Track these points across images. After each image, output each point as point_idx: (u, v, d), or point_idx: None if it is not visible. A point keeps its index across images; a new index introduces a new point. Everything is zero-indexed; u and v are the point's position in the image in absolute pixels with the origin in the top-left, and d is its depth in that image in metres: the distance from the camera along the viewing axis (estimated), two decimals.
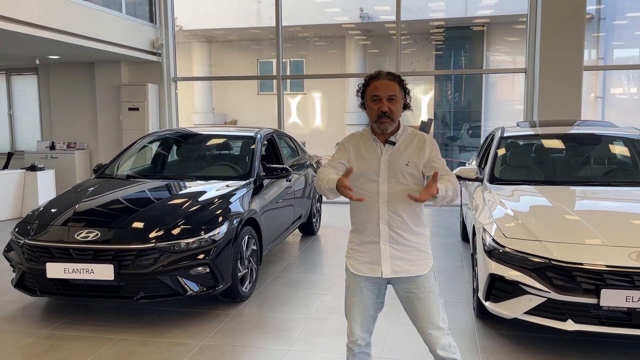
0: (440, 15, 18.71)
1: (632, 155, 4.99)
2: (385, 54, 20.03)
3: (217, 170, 5.47)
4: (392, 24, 19.20)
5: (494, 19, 18.10)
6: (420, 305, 2.51)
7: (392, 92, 2.46)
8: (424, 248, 2.54)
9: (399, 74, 2.53)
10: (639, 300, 3.17)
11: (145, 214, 4.34)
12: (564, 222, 3.77)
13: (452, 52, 19.48)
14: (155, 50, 9.80)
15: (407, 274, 2.51)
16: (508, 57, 18.73)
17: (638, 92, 17.87)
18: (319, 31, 19.64)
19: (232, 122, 21.30)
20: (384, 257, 2.50)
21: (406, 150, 2.50)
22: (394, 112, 2.46)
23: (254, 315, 4.37)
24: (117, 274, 3.94)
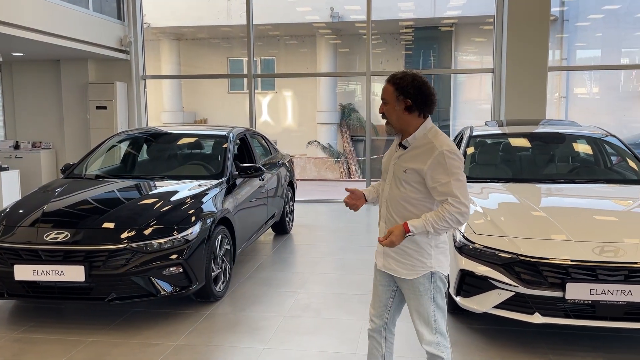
0: (409, 16, 18.92)
1: (595, 154, 5.17)
2: (356, 53, 20.15)
3: (189, 170, 5.44)
4: (362, 24, 19.31)
5: (461, 20, 18.41)
6: (411, 304, 2.61)
7: (383, 95, 2.50)
8: (417, 255, 2.52)
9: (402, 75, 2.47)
10: (602, 293, 3.29)
11: (117, 214, 4.29)
12: (531, 219, 3.88)
13: (421, 51, 19.73)
14: (123, 47, 9.65)
15: (394, 273, 2.60)
16: (475, 57, 19.08)
17: (600, 92, 18.43)
18: (289, 30, 19.62)
19: (202, 120, 21.10)
20: (379, 250, 2.65)
21: (412, 158, 2.48)
22: (386, 115, 2.51)
23: (228, 314, 4.36)
24: (88, 275, 3.88)
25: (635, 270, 3.28)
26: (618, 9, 17.40)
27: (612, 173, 5.00)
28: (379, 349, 2.79)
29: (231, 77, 20.62)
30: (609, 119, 17.33)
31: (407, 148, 2.50)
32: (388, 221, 2.56)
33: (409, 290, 2.58)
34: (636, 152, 4.95)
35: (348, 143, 19.04)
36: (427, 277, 2.54)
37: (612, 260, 3.32)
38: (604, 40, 18.09)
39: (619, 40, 17.60)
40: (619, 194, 4.39)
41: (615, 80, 17.87)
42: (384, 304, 2.72)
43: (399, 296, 2.71)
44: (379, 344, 2.79)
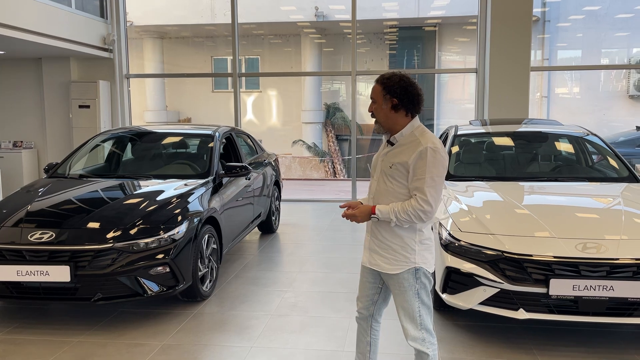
0: (393, 15, 19.01)
1: (577, 152, 5.26)
2: (340, 52, 20.19)
3: (174, 169, 5.41)
4: (347, 23, 19.37)
5: (445, 20, 18.55)
6: (397, 300, 2.67)
7: (372, 94, 2.61)
8: (401, 251, 2.59)
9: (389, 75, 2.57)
10: (585, 289, 3.35)
11: (102, 213, 4.26)
12: (515, 216, 3.94)
13: (405, 51, 19.83)
14: (106, 46, 9.55)
15: (379, 268, 2.67)
16: (459, 57, 19.24)
17: (580, 92, 18.71)
18: (274, 29, 19.59)
19: (186, 119, 20.98)
20: (365, 246, 2.74)
21: (399, 154, 2.56)
22: (375, 113, 2.61)
23: (215, 314, 4.36)
24: (74, 275, 3.85)
25: (617, 266, 3.35)
26: (598, 10, 17.68)
27: (593, 171, 5.09)
28: (364, 335, 2.91)
29: (216, 76, 20.53)
30: (589, 118, 17.60)
31: (394, 145, 2.60)
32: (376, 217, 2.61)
33: (395, 286, 2.64)
34: (617, 150, 5.05)
35: (333, 142, 19.09)
36: (411, 272, 2.60)
37: (595, 257, 3.38)
38: (584, 40, 18.35)
39: (598, 40, 17.88)
40: (600, 191, 4.48)
41: (595, 80, 18.15)
42: (370, 299, 2.82)
43: (385, 291, 2.80)
44: (364, 330, 2.90)
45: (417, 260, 2.59)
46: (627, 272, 3.34)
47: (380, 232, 2.62)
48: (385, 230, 2.60)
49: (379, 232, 2.62)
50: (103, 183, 5.01)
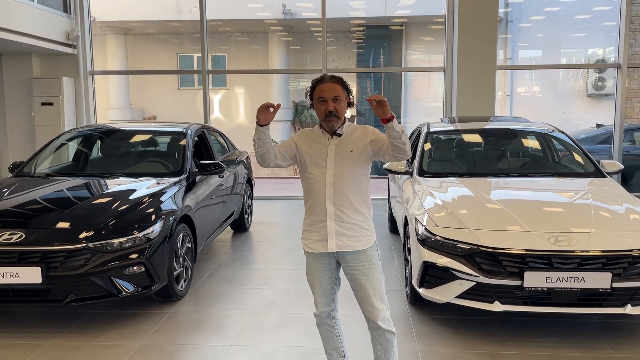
0: (360, 14, 19.11)
1: (545, 148, 5.40)
2: (307, 50, 20.19)
3: (146, 167, 5.32)
4: (315, 21, 19.38)
5: (411, 19, 18.76)
6: (366, 280, 2.77)
7: (335, 93, 2.75)
8: (365, 226, 2.81)
9: (340, 76, 2.83)
10: (557, 281, 3.46)
11: (74, 213, 4.15)
12: (489, 211, 4.03)
13: (372, 50, 19.97)
14: (70, 42, 9.30)
15: (350, 248, 2.77)
16: (424, 56, 19.49)
17: (541, 91, 19.23)
18: (241, 26, 19.43)
19: (151, 117, 20.60)
20: (329, 233, 2.76)
21: (350, 140, 2.81)
22: (339, 111, 2.77)
23: (191, 313, 4.31)
24: (45, 277, 3.74)
25: (588, 258, 3.47)
26: (558, 11, 18.20)
27: (560, 167, 5.25)
28: (332, 330, 2.99)
29: (185, 73, 20.22)
30: (550, 116, 18.09)
31: (341, 135, 2.81)
32: (338, 200, 2.76)
33: (363, 266, 2.77)
34: (582, 147, 5.21)
35: None
36: (375, 247, 2.84)
37: (566, 249, 3.49)
38: (544, 40, 18.85)
39: (558, 41, 18.39)
40: (569, 186, 4.62)
41: (554, 79, 18.69)
42: (330, 292, 2.90)
43: (338, 280, 2.93)
44: (330, 326, 2.97)
45: (374, 233, 2.86)
46: (597, 263, 3.46)
47: (344, 212, 2.76)
48: (348, 209, 2.76)
49: (343, 214, 2.75)
50: (72, 182, 4.89)
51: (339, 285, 2.95)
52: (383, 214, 8.03)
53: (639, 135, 10.57)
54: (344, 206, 2.76)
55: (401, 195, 5.13)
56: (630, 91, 18.25)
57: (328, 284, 2.87)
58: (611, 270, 3.43)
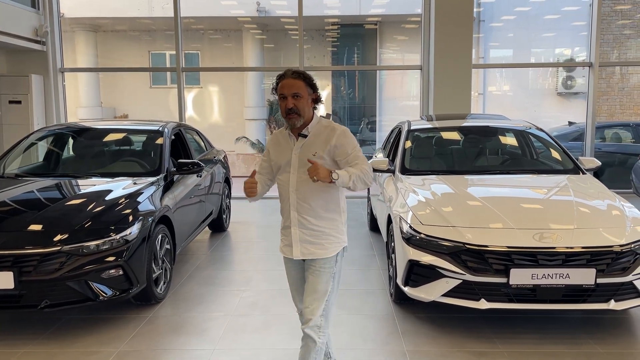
0: (335, 13, 19.09)
1: (525, 145, 5.43)
2: (281, 49, 20.06)
3: (122, 167, 5.16)
4: (289, 19, 19.26)
5: (385, 18, 18.82)
6: (313, 280, 2.71)
7: (295, 89, 2.62)
8: (332, 232, 2.73)
9: (303, 71, 2.68)
10: (543, 277, 3.46)
11: (47, 214, 3.99)
12: (473, 208, 4.02)
13: (346, 48, 19.96)
14: (39, 38, 9.00)
15: (314, 256, 2.71)
16: (399, 55, 19.58)
17: (512, 90, 19.52)
18: (214, 24, 19.19)
19: (123, 116, 20.20)
20: (294, 240, 2.72)
21: (315, 142, 2.69)
22: (300, 108, 2.63)
23: (171, 317, 4.19)
24: (18, 281, 3.58)
25: (572, 255, 3.48)
26: (529, 11, 18.49)
27: (541, 164, 5.28)
28: None
29: (159, 71, 19.88)
30: (522, 114, 18.37)
31: (307, 136, 2.70)
32: (301, 208, 2.68)
33: (315, 267, 2.71)
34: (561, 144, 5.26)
35: None
36: (340, 254, 2.77)
37: (551, 246, 3.50)
38: (515, 40, 19.13)
39: (528, 40, 18.68)
40: (550, 183, 4.64)
41: (525, 78, 19.00)
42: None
43: None
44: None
45: (345, 239, 2.80)
46: (582, 260, 3.48)
47: (307, 220, 2.68)
48: (311, 217, 2.68)
49: (307, 221, 2.68)
50: (45, 182, 4.71)
51: None
52: (362, 212, 8.01)
53: (609, 133, 10.80)
54: (307, 213, 2.69)
55: (383, 193, 5.09)
56: (599, 90, 18.68)
57: (301, 285, 2.82)
58: (595, 266, 3.45)
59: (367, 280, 4.97)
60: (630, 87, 18.29)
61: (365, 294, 4.62)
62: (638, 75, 17.98)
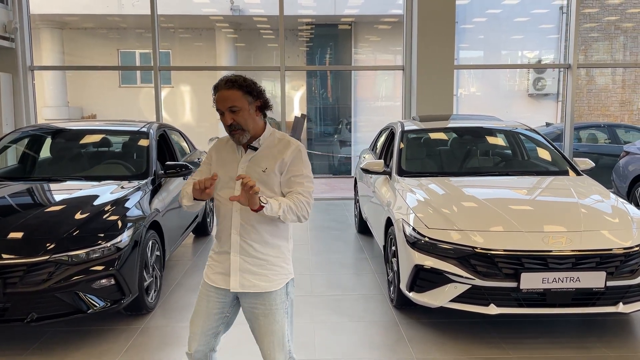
0: (310, 12, 18.97)
1: (521, 147, 5.41)
2: (253, 48, 19.84)
3: (107, 170, 4.91)
4: (262, 18, 19.02)
5: (359, 19, 18.80)
6: (265, 322, 2.36)
7: (231, 103, 2.25)
8: (279, 262, 2.38)
9: (240, 78, 2.31)
10: (553, 281, 3.41)
11: (32, 221, 3.73)
12: (478, 211, 3.95)
13: (320, 49, 19.87)
14: (7, 34, 8.59)
15: (256, 289, 2.33)
16: (371, 56, 19.60)
17: (485, 91, 19.78)
18: (185, 22, 18.83)
19: (91, 116, 19.63)
20: (233, 269, 2.33)
21: (267, 157, 2.34)
22: (241, 123, 2.27)
23: (164, 327, 3.99)
24: (2, 294, 3.33)
25: (582, 258, 3.44)
26: (500, 13, 18.76)
27: (539, 165, 5.24)
28: None
29: (136, 69, 19.38)
30: (495, 115, 18.66)
31: (257, 149, 2.35)
32: (244, 231, 2.32)
33: (264, 306, 2.34)
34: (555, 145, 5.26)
35: None
36: (286, 287, 2.39)
37: (562, 249, 3.45)
38: (485, 42, 19.39)
39: (499, 42, 18.96)
40: (550, 184, 4.61)
41: (496, 79, 19.28)
42: (214, 331, 2.45)
43: (231, 318, 2.50)
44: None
45: (292, 270, 2.44)
46: (591, 263, 3.44)
47: (251, 246, 2.32)
48: (256, 242, 2.32)
49: (250, 247, 2.32)
50: (25, 186, 4.43)
51: (228, 327, 2.50)
52: (346, 214, 7.91)
53: (585, 134, 10.98)
54: (251, 238, 2.31)
55: (377, 196, 4.99)
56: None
57: (215, 320, 2.41)
58: (605, 269, 3.42)
59: (363, 285, 4.86)
60: (597, 89, 18.74)
61: (364, 300, 4.51)
62: (605, 77, 18.44)
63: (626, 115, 18.59)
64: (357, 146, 17.64)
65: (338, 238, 6.52)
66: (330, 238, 6.54)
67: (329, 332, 3.87)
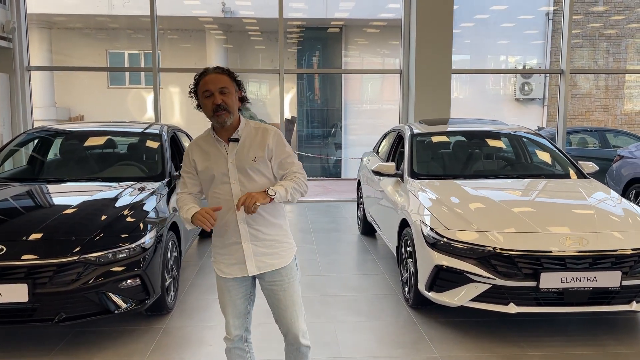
0: (300, 15, 19.05)
1: (527, 151, 5.55)
2: (242, 50, 19.85)
3: (122, 171, 4.92)
4: (250, 20, 19.01)
5: (350, 22, 18.93)
6: (285, 295, 2.55)
7: (222, 84, 2.42)
8: (285, 238, 2.58)
9: (226, 67, 2.50)
10: (572, 281, 3.54)
11: (59, 222, 3.74)
12: (495, 212, 4.06)
13: (311, 51, 19.96)
14: (5, 34, 8.52)
15: (272, 267, 2.53)
16: (360, 60, 19.75)
17: (473, 95, 20.07)
18: (175, 23, 18.76)
19: (78, 117, 19.42)
20: (247, 256, 2.50)
21: (252, 146, 2.48)
22: (229, 104, 2.42)
23: (185, 327, 4.02)
24: (32, 294, 3.34)
25: (599, 258, 3.57)
26: (488, 19, 19.06)
27: (547, 168, 5.38)
28: (244, 355, 2.73)
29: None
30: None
31: (238, 140, 2.49)
32: (251, 219, 2.47)
33: (282, 281, 2.54)
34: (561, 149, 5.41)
35: None
36: (295, 259, 2.63)
37: (580, 249, 3.58)
38: (472, 46, 19.68)
39: (486, 47, 19.26)
40: (561, 187, 4.74)
41: (482, 84, 19.59)
42: (244, 313, 2.64)
43: (253, 296, 2.69)
44: (242, 350, 2.72)
45: (294, 242, 2.65)
46: (607, 263, 3.58)
47: (259, 230, 2.50)
48: (263, 226, 2.50)
49: (259, 232, 2.49)
50: (49, 187, 4.43)
51: (253, 303, 2.69)
52: (345, 215, 8.00)
53: (575, 138, 11.24)
54: (257, 224, 2.48)
55: (390, 198, 5.07)
56: (553, 96, 19.46)
57: (242, 303, 2.60)
58: (620, 269, 3.55)
59: (375, 285, 4.94)
60: (581, 95, 19.13)
61: (378, 300, 4.59)
62: (589, 82, 18.84)
63: (610, 120, 19.04)
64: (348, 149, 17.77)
65: (341, 241, 6.60)
66: (334, 240, 6.61)
67: (349, 331, 3.95)
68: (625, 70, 17.76)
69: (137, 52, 20.31)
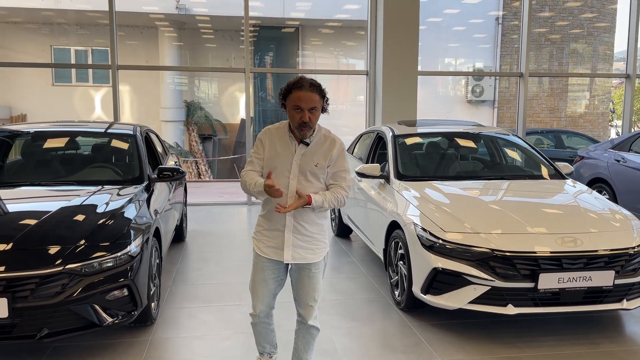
0: (256, 14, 18.80)
1: (505, 152, 5.64)
2: (195, 48, 19.42)
3: (97, 174, 4.63)
4: (203, 17, 18.62)
5: (306, 22, 18.86)
6: (309, 282, 2.83)
7: (313, 104, 2.63)
8: (322, 238, 2.84)
9: (318, 83, 2.68)
10: (568, 281, 3.59)
11: (39, 230, 3.45)
12: (491, 214, 4.08)
13: (265, 51, 19.74)
14: None
15: (305, 260, 2.79)
16: (316, 60, 19.72)
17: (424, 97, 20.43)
18: (126, 19, 18.10)
19: (20, 116, 18.44)
20: (286, 245, 2.76)
21: (317, 152, 2.73)
22: (314, 122, 2.67)
23: (173, 339, 3.82)
24: (12, 309, 3.07)
25: (594, 258, 3.64)
26: (440, 22, 19.45)
27: (529, 169, 5.43)
28: (268, 327, 3.00)
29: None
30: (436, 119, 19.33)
31: (309, 145, 2.72)
32: (298, 214, 2.73)
33: (310, 270, 2.81)
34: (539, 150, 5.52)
35: (196, 142, 18.26)
36: (326, 255, 2.91)
37: (576, 250, 3.64)
38: (424, 49, 20.03)
39: (437, 50, 19.65)
40: (546, 188, 4.82)
41: (435, 86, 20.01)
42: (273, 293, 2.90)
43: (284, 280, 2.93)
44: (267, 323, 2.98)
45: (328, 243, 2.92)
46: (601, 262, 3.65)
47: (303, 226, 2.75)
48: (307, 223, 2.75)
49: (302, 227, 2.75)
50: (18, 192, 4.09)
51: (282, 286, 2.93)
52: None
53: (532, 139, 11.61)
54: (303, 219, 2.75)
55: (375, 200, 5.02)
56: (503, 98, 20.11)
57: (273, 283, 2.86)
58: (613, 268, 3.64)
59: (361, 289, 4.88)
60: (530, 96, 19.91)
61: (367, 303, 4.53)
62: (534, 85, 19.56)
63: (555, 121, 19.83)
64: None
65: None
66: None
67: (346, 337, 3.86)
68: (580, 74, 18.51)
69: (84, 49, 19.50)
